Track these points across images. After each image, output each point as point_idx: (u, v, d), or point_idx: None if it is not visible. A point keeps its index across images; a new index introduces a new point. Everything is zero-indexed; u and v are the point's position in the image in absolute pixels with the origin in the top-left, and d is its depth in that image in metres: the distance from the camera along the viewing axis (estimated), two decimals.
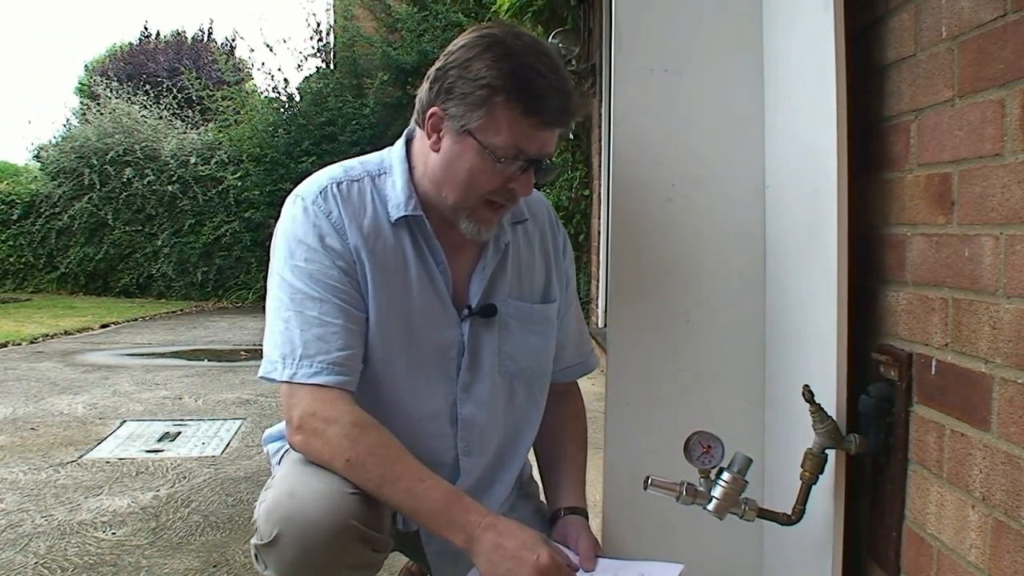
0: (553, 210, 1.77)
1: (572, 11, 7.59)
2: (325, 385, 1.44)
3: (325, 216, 1.51)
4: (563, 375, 1.78)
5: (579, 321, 1.81)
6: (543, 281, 1.69)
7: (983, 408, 1.20)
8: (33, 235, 13.10)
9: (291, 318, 1.47)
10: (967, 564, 1.23)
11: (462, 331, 1.58)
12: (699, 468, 1.42)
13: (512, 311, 1.62)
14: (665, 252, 1.79)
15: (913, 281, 1.41)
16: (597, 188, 6.93)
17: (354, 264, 1.50)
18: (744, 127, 1.78)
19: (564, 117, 1.45)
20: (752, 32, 1.77)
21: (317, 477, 1.39)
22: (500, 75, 1.40)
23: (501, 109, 1.41)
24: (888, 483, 1.46)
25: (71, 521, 3.03)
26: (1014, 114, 1.13)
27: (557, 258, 1.72)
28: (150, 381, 5.96)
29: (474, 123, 1.43)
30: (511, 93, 1.40)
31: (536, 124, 1.43)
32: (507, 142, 1.42)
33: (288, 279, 1.49)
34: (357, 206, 1.53)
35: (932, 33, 1.34)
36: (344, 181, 1.55)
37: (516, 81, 1.40)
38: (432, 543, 1.59)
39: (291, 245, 1.51)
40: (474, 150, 1.44)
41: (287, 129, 12.37)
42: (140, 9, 55.12)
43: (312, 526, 1.32)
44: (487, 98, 1.41)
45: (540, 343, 1.67)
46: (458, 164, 1.47)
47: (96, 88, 14.52)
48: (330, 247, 1.49)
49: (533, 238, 1.69)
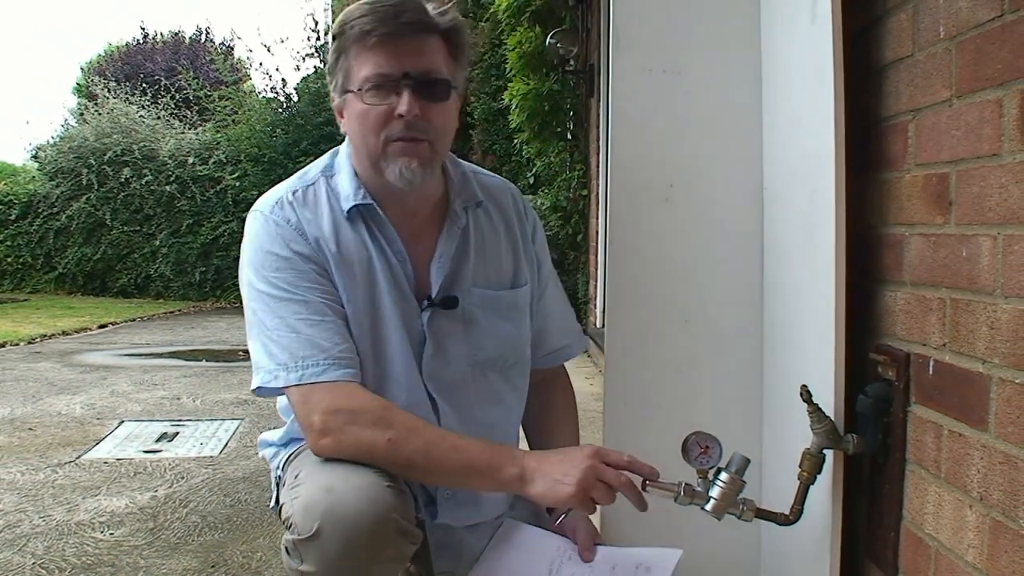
0: (521, 196, 1.75)
1: (570, 11, 7.58)
2: (338, 380, 1.43)
3: (286, 223, 1.53)
4: (550, 359, 1.76)
5: (561, 303, 1.79)
6: (511, 267, 1.67)
7: (981, 408, 1.20)
8: (31, 235, 13.10)
9: (279, 324, 1.46)
10: (965, 564, 1.23)
11: (422, 321, 1.57)
12: (697, 468, 1.42)
13: (477, 299, 1.61)
14: (663, 252, 1.79)
15: (911, 281, 1.41)
16: (595, 188, 6.93)
17: (323, 263, 1.51)
18: (742, 127, 1.78)
19: (397, 20, 1.45)
20: (750, 32, 1.78)
21: (352, 472, 1.38)
22: (338, 26, 1.49)
23: (350, 49, 1.48)
24: (886, 483, 1.46)
25: (69, 521, 3.02)
26: (1012, 114, 1.13)
27: (525, 243, 1.70)
28: (148, 381, 5.96)
29: (341, 78, 1.51)
30: (347, 33, 1.47)
31: (379, 40, 1.45)
32: (367, 72, 1.47)
33: (266, 289, 1.49)
34: (314, 208, 1.55)
35: (930, 33, 1.34)
36: (299, 188, 1.58)
37: (349, 18, 1.47)
38: (435, 535, 1.58)
39: (260, 257, 1.52)
40: (353, 100, 1.49)
41: (285, 129, 12.38)
42: (138, 9, 55.08)
43: (354, 520, 1.31)
44: (339, 50, 1.50)
45: (511, 329, 1.65)
46: (353, 123, 1.51)
47: (94, 88, 14.52)
48: (298, 252, 1.50)
49: (498, 224, 1.67)
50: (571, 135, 7.88)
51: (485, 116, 9.67)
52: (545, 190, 7.91)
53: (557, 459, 1.39)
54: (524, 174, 8.86)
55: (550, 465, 1.38)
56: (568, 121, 7.84)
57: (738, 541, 1.77)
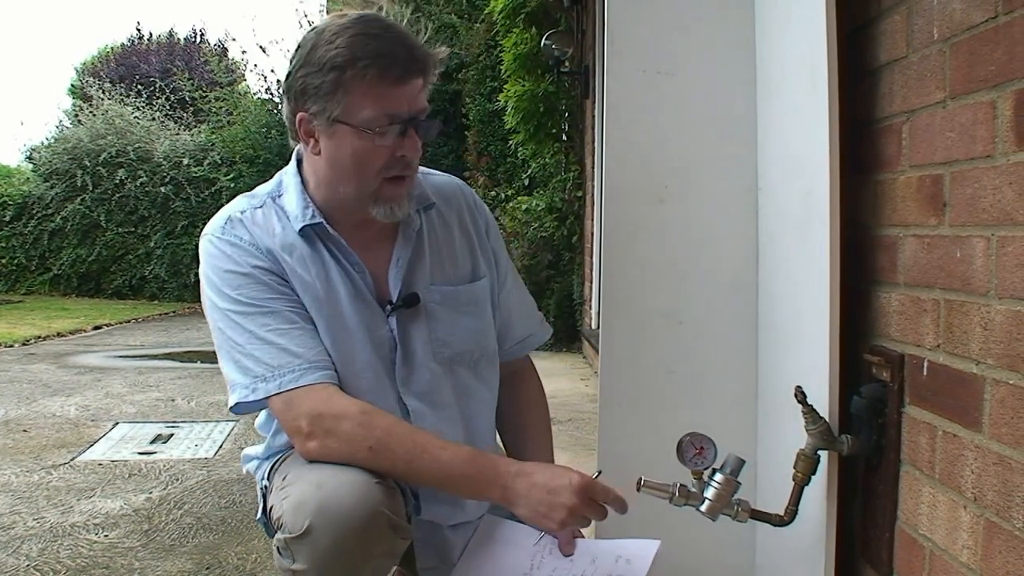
0: (470, 191, 1.74)
1: (565, 13, 7.58)
2: (316, 384, 1.43)
3: (239, 241, 1.52)
4: (515, 351, 1.75)
5: (521, 292, 1.77)
6: (468, 262, 1.67)
7: (975, 409, 1.20)
8: (25, 237, 13.06)
9: (249, 339, 1.46)
10: (959, 564, 1.24)
11: (390, 326, 1.56)
12: (692, 469, 1.42)
13: (437, 296, 1.61)
14: (657, 253, 1.79)
15: (905, 282, 1.41)
16: (590, 189, 6.93)
17: (283, 275, 1.51)
18: (737, 128, 1.78)
19: (415, 65, 1.44)
20: (745, 33, 1.78)
21: (341, 468, 1.38)
22: (340, 52, 1.41)
23: (355, 83, 1.41)
24: (880, 484, 1.46)
25: (63, 523, 3.01)
26: (1005, 115, 1.13)
27: (480, 237, 1.69)
28: (143, 383, 5.94)
29: (338, 109, 1.43)
30: (357, 63, 1.40)
31: (392, 81, 1.42)
32: (375, 112, 1.43)
33: (229, 307, 1.49)
34: (264, 227, 1.54)
35: (924, 35, 1.34)
36: (247, 209, 1.56)
37: (356, 49, 1.41)
38: (419, 531, 1.58)
39: (219, 277, 1.51)
40: (350, 134, 1.45)
41: (280, 130, 12.34)
42: (132, 10, 55.04)
43: (345, 515, 1.32)
44: (338, 79, 1.41)
45: (473, 323, 1.64)
46: (342, 155, 1.47)
47: (89, 89, 14.49)
48: (257, 266, 1.50)
49: (450, 221, 1.66)
50: (566, 136, 7.88)
51: (480, 117, 9.66)
52: (540, 191, 7.90)
53: (543, 485, 1.39)
54: (519, 175, 8.86)
55: (537, 493, 1.38)
56: (563, 122, 7.85)
57: (733, 542, 1.77)
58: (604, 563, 1.47)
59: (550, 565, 1.49)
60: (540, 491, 1.39)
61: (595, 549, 1.51)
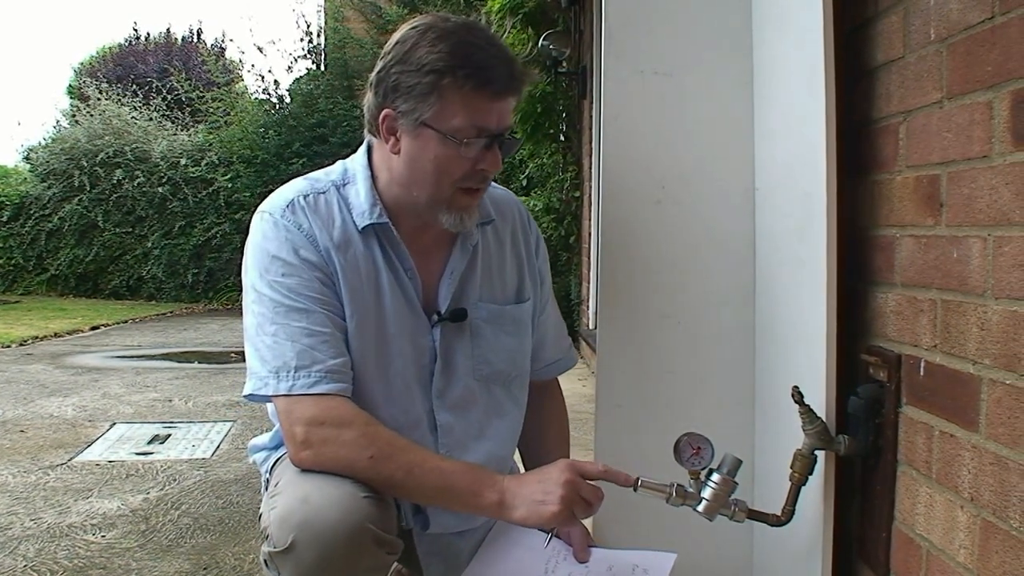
0: (525, 209, 1.75)
1: (563, 13, 7.58)
2: (327, 394, 1.42)
3: (296, 228, 1.50)
4: (544, 372, 1.77)
5: (556, 318, 1.79)
6: (516, 282, 1.67)
7: (971, 409, 1.20)
8: (23, 237, 13.05)
9: (278, 331, 1.45)
10: (956, 564, 1.24)
11: (433, 337, 1.56)
12: (689, 469, 1.42)
13: (483, 314, 1.61)
14: (655, 254, 1.79)
15: (902, 282, 1.41)
16: (588, 189, 6.94)
17: (331, 274, 1.49)
18: (734, 129, 1.78)
19: (513, 83, 1.44)
20: (743, 34, 1.78)
21: (329, 482, 1.37)
22: (442, 57, 1.39)
23: (451, 90, 1.40)
24: (877, 484, 1.46)
25: (60, 524, 3.01)
26: (1002, 116, 1.14)
27: (530, 258, 1.70)
28: (140, 383, 5.94)
29: (428, 113, 1.42)
30: (457, 71, 1.39)
31: (489, 96, 1.42)
32: (465, 122, 1.41)
33: (268, 294, 1.47)
34: (325, 217, 1.52)
35: (921, 35, 1.34)
36: (311, 194, 1.54)
37: (459, 58, 1.39)
38: (423, 543, 1.58)
39: (265, 261, 1.49)
40: (435, 140, 1.43)
41: (277, 131, 12.35)
42: (130, 10, 54.95)
43: (329, 531, 1.31)
44: (435, 83, 1.40)
45: (514, 344, 1.65)
46: (423, 159, 1.45)
47: (86, 89, 14.47)
48: (306, 259, 1.48)
49: (504, 238, 1.67)
50: (564, 137, 7.88)
51: None
52: (538, 192, 7.90)
53: (534, 480, 1.39)
54: (517, 176, 8.86)
55: (529, 488, 1.38)
56: (561, 123, 7.85)
57: (730, 542, 1.77)
58: (621, 572, 1.47)
59: (565, 571, 1.49)
60: (531, 482, 1.39)
61: (611, 558, 1.51)
